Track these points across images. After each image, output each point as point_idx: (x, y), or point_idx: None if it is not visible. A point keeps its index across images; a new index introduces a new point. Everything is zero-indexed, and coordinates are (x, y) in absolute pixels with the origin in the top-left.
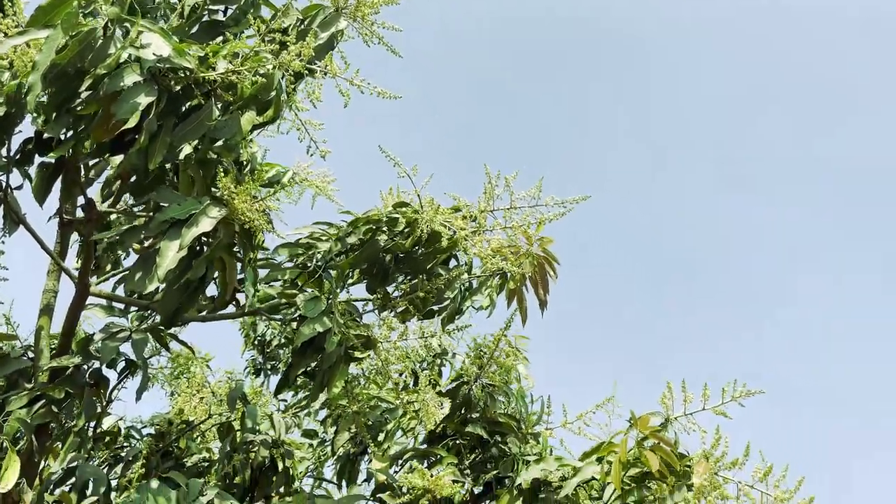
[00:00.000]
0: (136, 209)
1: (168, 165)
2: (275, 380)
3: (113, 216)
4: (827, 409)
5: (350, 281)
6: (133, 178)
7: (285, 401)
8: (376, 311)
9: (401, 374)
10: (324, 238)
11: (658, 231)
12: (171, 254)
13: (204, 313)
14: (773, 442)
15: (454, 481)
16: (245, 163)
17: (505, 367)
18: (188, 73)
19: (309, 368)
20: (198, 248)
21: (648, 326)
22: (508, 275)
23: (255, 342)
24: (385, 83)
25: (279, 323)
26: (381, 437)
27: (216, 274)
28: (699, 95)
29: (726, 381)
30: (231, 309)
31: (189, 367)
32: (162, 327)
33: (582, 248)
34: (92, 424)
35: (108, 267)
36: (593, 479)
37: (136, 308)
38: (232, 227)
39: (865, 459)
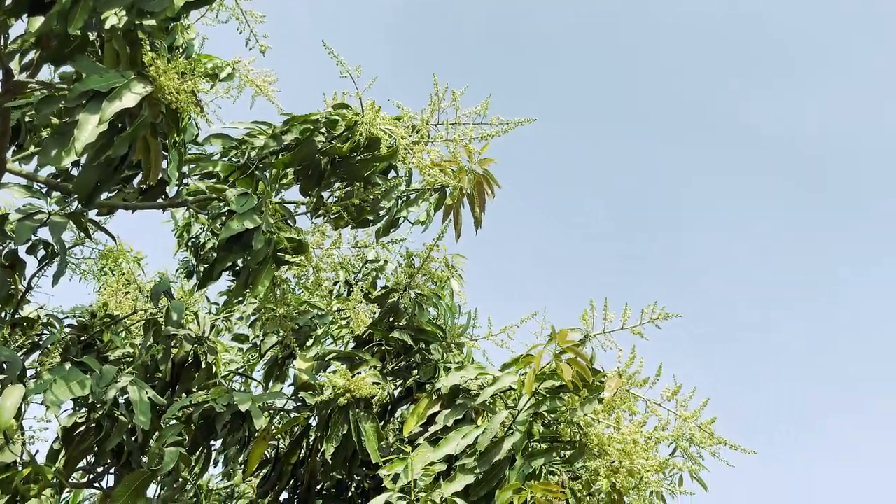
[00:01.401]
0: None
1: (93, 37)
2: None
3: (31, 87)
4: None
5: (284, 182)
6: (53, 45)
7: (217, 304)
8: (309, 215)
9: (335, 284)
10: (259, 135)
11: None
12: (89, 127)
13: (131, 202)
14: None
15: (375, 383)
16: (180, 48)
17: (435, 277)
18: None
19: (237, 267)
20: (120, 125)
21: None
22: (448, 190)
23: (189, 244)
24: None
25: (207, 218)
26: (309, 342)
27: (140, 158)
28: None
29: (646, 305)
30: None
31: (118, 263)
32: (83, 213)
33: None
34: (10, 311)
35: (32, 148)
36: (511, 388)
37: (58, 191)
38: (157, 107)
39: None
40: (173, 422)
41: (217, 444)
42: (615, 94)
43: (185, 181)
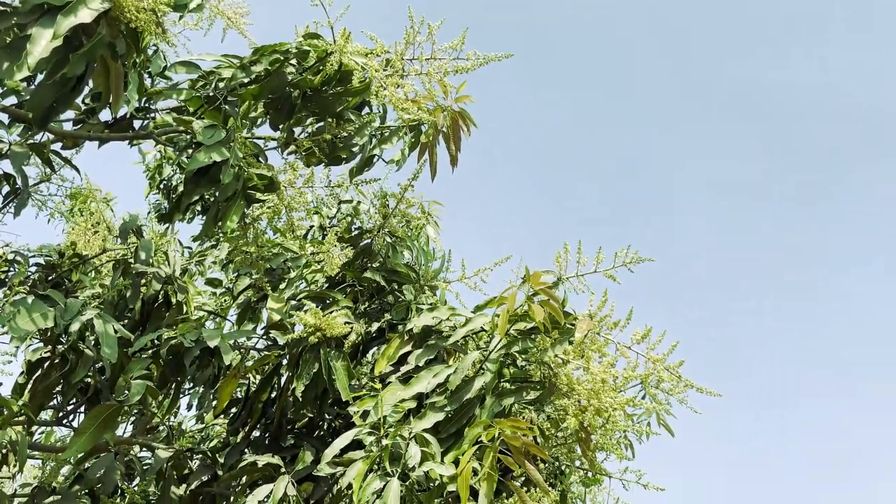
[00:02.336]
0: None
1: None
2: (180, 226)
3: None
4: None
5: (253, 115)
6: None
7: (189, 248)
8: (280, 151)
9: (310, 228)
10: (228, 68)
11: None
12: (43, 42)
13: (93, 133)
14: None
15: (346, 323)
16: None
17: (411, 221)
18: None
19: (206, 204)
20: (76, 44)
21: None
22: (423, 128)
23: (161, 186)
24: None
25: (174, 151)
26: (282, 285)
27: (101, 87)
28: None
29: (619, 249)
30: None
31: (87, 203)
32: (45, 144)
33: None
34: None
35: None
36: (482, 329)
37: (16, 120)
38: (116, 26)
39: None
40: (142, 356)
41: (188, 386)
42: (609, 77)
43: (151, 115)
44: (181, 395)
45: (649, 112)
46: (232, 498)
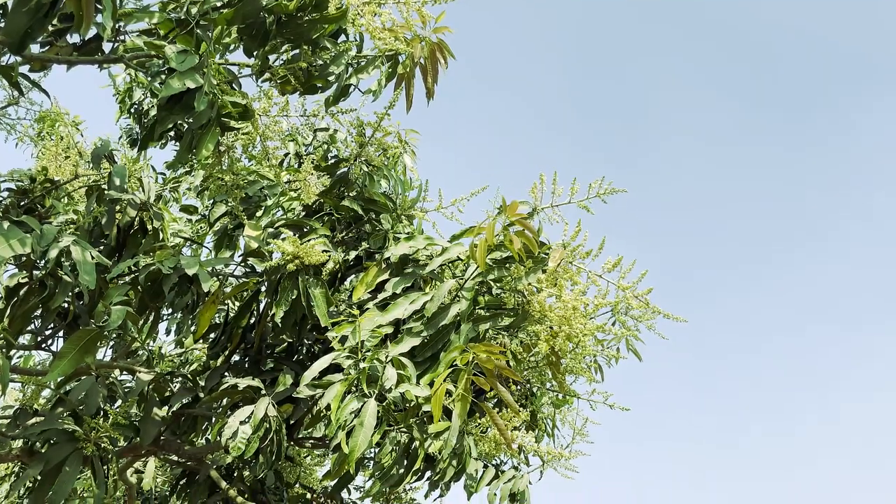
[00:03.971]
0: None
1: None
2: (152, 152)
3: None
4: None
5: (227, 41)
6: None
7: (163, 174)
8: (254, 79)
9: (286, 156)
10: None
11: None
12: None
13: (62, 55)
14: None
15: (324, 251)
16: None
17: (388, 150)
18: None
19: (180, 131)
20: None
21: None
22: (400, 59)
23: (131, 110)
24: None
25: (146, 76)
26: (259, 213)
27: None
28: None
29: (594, 180)
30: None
31: (56, 127)
32: (12, 66)
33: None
34: None
35: None
36: (458, 258)
37: None
38: None
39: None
40: (120, 283)
41: (167, 312)
42: (590, 7)
43: (121, 37)
44: (160, 321)
45: (630, 43)
46: (213, 419)
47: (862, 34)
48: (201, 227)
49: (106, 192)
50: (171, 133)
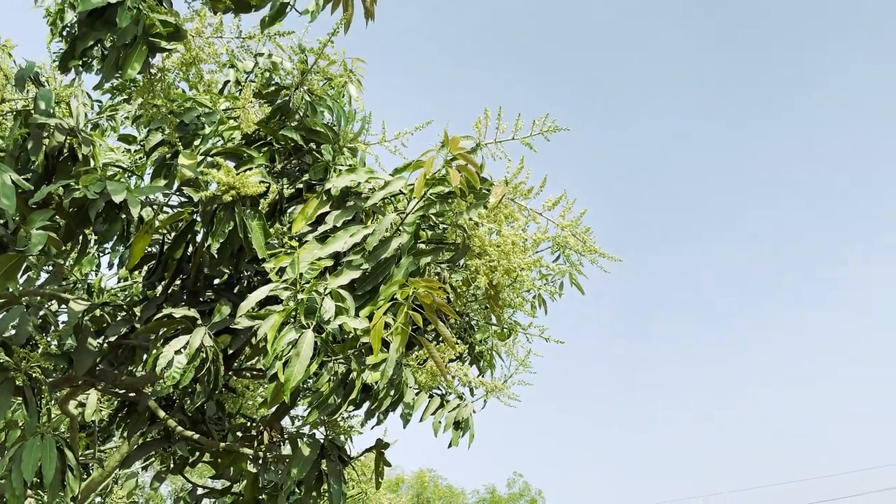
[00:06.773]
0: None
1: None
2: (86, 77)
3: None
4: None
5: None
6: None
7: (99, 102)
8: None
9: (226, 83)
10: None
11: None
12: None
13: None
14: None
15: (261, 182)
16: None
17: (328, 75)
18: None
19: (106, 51)
20: None
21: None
22: None
23: (63, 32)
24: None
25: None
26: (196, 142)
27: None
28: None
29: (538, 117)
30: None
31: None
32: None
33: None
34: None
35: None
36: (401, 192)
37: None
38: None
39: None
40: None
41: (94, 239)
42: None
43: None
44: (89, 250)
45: None
46: (150, 348)
47: None
48: (140, 158)
49: (32, 115)
50: (98, 53)
